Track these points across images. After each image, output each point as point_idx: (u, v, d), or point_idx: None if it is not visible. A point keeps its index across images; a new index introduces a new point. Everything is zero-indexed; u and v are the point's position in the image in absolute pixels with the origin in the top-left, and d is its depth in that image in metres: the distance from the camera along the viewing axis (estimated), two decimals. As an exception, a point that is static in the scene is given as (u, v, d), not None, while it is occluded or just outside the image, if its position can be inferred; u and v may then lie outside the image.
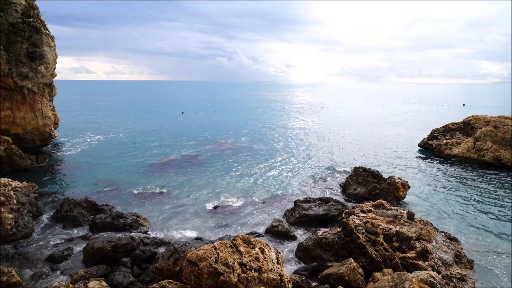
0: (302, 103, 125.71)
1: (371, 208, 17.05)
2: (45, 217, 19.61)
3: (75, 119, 63.98)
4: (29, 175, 27.07)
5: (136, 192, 24.30)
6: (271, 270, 10.43)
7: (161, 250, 15.03)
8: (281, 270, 10.82)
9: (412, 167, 32.01)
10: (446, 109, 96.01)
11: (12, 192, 17.93)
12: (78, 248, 15.95)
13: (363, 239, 13.53)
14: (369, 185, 23.56)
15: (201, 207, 21.70)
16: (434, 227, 16.03)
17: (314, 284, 12.60)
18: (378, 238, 13.60)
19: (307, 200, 20.74)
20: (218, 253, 10.42)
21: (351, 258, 12.75)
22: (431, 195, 24.08)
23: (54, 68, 34.27)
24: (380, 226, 14.13)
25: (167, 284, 10.90)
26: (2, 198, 16.94)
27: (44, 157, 31.95)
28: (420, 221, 15.88)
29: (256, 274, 10.14)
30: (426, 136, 41.50)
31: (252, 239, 11.41)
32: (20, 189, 19.25)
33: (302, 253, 14.99)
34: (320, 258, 14.14)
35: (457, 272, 12.59)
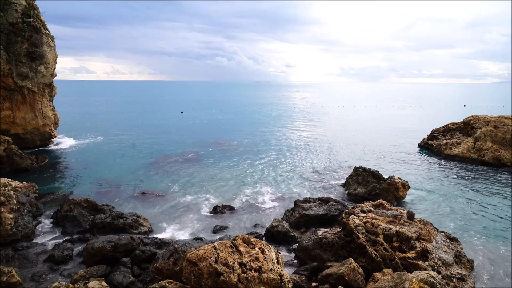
0: (302, 103, 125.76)
1: (371, 208, 17.04)
2: (45, 217, 19.61)
3: (75, 119, 63.99)
4: (29, 175, 27.09)
5: (136, 192, 24.31)
6: (271, 270, 10.43)
7: (161, 250, 15.03)
8: (281, 270, 10.82)
9: (412, 167, 32.00)
10: (446, 109, 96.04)
11: (12, 192, 17.93)
12: (78, 248, 15.95)
13: (363, 239, 13.52)
14: (369, 185, 23.56)
15: (201, 207, 21.71)
16: (434, 227, 16.02)
17: (314, 284, 12.59)
18: (378, 238, 13.59)
19: (307, 200, 20.74)
20: (218, 253, 10.42)
21: (351, 258, 12.75)
22: (431, 195, 24.07)
23: (54, 68, 34.29)
24: (380, 226, 14.12)
25: (167, 284, 10.90)
26: (2, 198, 16.94)
27: (44, 157, 31.96)
28: (420, 221, 15.88)
29: (256, 274, 10.14)
30: (426, 136, 41.53)
31: (252, 239, 11.40)
32: (20, 189, 19.26)
33: (302, 253, 14.99)
34: (320, 258, 14.13)
35: (457, 272, 12.59)
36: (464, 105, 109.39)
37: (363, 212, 16.36)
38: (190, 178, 27.77)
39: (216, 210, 21.15)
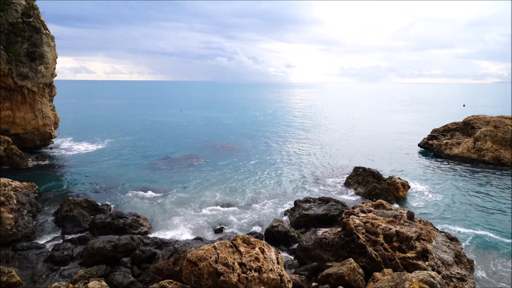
0: (302, 103, 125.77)
1: (371, 208, 17.04)
2: (45, 217, 19.60)
3: (75, 119, 63.99)
4: (29, 175, 27.07)
5: (136, 192, 24.30)
6: (271, 270, 10.43)
7: (161, 250, 15.03)
8: (281, 270, 10.82)
9: (412, 167, 31.99)
10: (446, 109, 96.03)
11: (12, 192, 17.93)
12: (78, 248, 15.95)
13: (363, 239, 13.52)
14: (369, 185, 23.57)
15: (201, 207, 21.69)
16: (434, 227, 16.02)
17: (314, 284, 12.59)
18: (378, 238, 13.59)
19: (307, 200, 20.74)
20: (218, 253, 10.42)
21: (351, 258, 12.75)
22: (431, 195, 24.07)
23: (54, 68, 34.26)
24: (380, 226, 14.12)
25: (167, 284, 10.90)
26: (2, 198, 16.94)
27: (44, 157, 31.98)
28: (420, 221, 15.88)
29: (256, 274, 10.14)
30: (426, 136, 41.49)
31: (252, 239, 11.40)
32: (20, 189, 19.26)
33: (302, 253, 14.99)
34: (320, 258, 14.13)
35: (457, 272, 12.58)
36: (464, 105, 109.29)
37: (363, 212, 16.36)
38: (190, 178, 27.76)
39: (216, 210, 21.15)
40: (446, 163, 33.10)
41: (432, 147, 38.09)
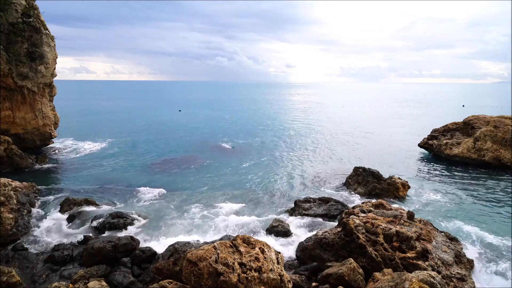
0: (302, 103, 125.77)
1: (371, 208, 17.04)
2: (45, 217, 19.59)
3: (75, 119, 63.97)
4: (29, 175, 27.07)
5: (136, 192, 24.29)
6: (271, 270, 10.43)
7: (161, 250, 15.03)
8: (281, 270, 10.82)
9: (412, 167, 31.99)
10: (446, 109, 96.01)
11: (12, 192, 17.93)
12: (78, 248, 15.95)
13: (363, 239, 13.52)
14: (369, 185, 23.57)
15: (201, 207, 21.67)
16: (434, 227, 16.02)
17: (314, 284, 12.59)
18: (378, 238, 13.59)
19: (307, 200, 20.75)
20: (218, 253, 10.43)
21: (351, 258, 12.75)
22: (431, 195, 24.06)
23: (54, 68, 34.25)
24: (380, 226, 14.12)
25: (167, 284, 10.90)
26: (2, 198, 16.95)
27: (44, 157, 31.97)
28: (420, 221, 15.88)
29: (256, 274, 10.15)
30: (426, 136, 41.47)
31: (252, 239, 11.41)
32: (20, 189, 19.27)
33: (302, 253, 14.99)
34: (320, 258, 14.13)
35: (457, 272, 12.58)
36: (463, 105, 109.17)
37: (363, 212, 16.36)
38: (190, 178, 27.76)
39: (216, 210, 21.14)
40: (446, 163, 33.10)
41: (432, 147, 38.07)
